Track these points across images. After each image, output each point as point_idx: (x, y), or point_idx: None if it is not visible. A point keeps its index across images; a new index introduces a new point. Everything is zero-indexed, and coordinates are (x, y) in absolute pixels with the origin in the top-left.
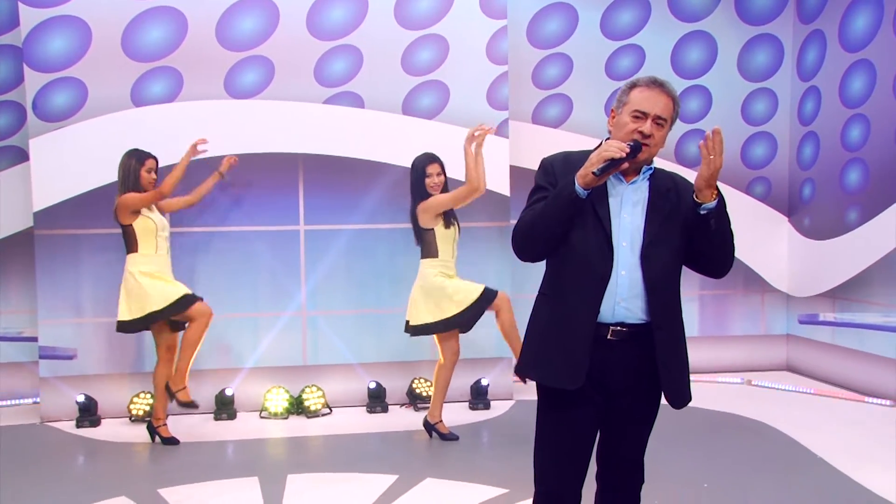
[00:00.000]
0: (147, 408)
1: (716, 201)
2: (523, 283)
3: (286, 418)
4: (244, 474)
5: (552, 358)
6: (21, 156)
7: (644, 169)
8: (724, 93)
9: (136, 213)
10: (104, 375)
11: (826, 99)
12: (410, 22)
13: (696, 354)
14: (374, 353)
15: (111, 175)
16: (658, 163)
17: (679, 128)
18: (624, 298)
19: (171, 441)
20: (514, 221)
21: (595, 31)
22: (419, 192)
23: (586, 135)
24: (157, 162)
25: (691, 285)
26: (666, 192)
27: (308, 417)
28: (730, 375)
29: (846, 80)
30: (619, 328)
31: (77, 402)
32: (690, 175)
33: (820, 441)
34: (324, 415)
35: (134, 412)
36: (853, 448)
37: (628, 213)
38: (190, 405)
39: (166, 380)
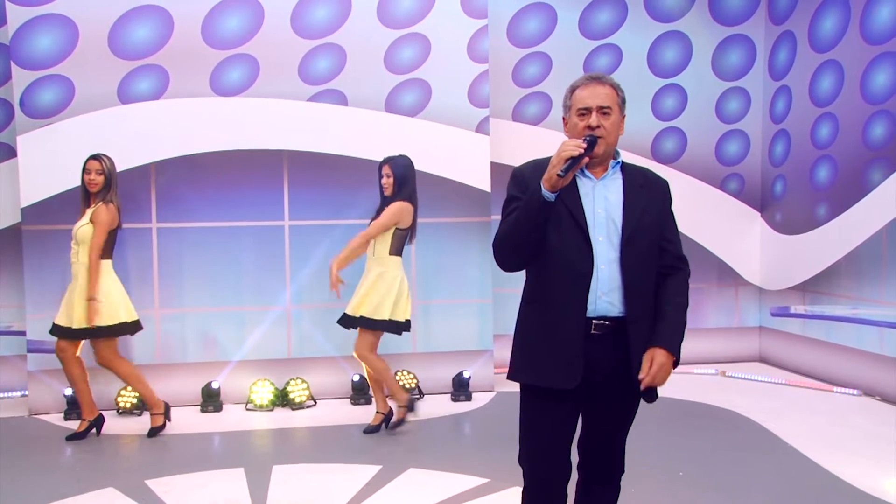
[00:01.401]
0: (134, 400)
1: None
2: (504, 278)
3: (271, 410)
4: (230, 465)
5: (546, 360)
6: (9, 152)
7: (612, 164)
8: (698, 91)
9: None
10: (91, 369)
11: (796, 98)
12: (393, 21)
13: None
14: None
15: None
16: (634, 158)
17: (655, 125)
18: (605, 292)
19: (76, 436)
20: (494, 217)
21: (573, 30)
22: (411, 190)
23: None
24: (98, 162)
25: None
26: (639, 187)
27: (293, 409)
28: (704, 367)
29: (815, 79)
30: (602, 322)
31: (65, 396)
32: (665, 170)
33: (790, 429)
34: (308, 407)
35: (121, 404)
36: (821, 436)
37: (602, 208)
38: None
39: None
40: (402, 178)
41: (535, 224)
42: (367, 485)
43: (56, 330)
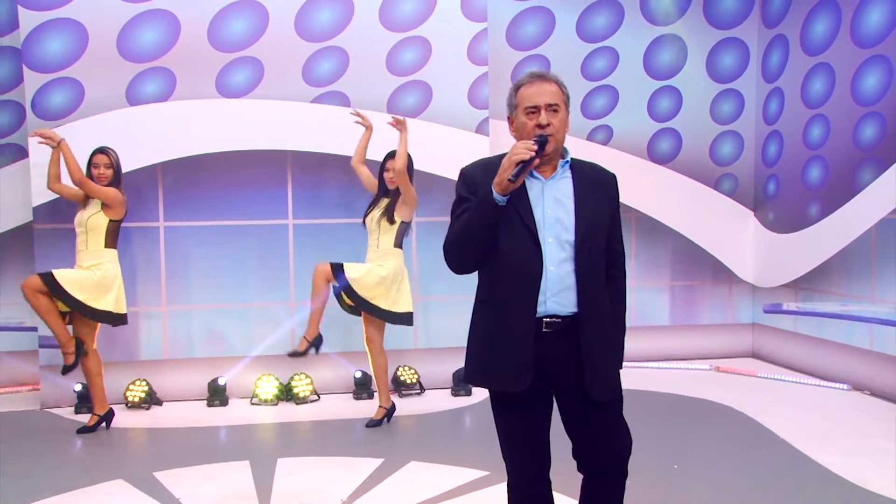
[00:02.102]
0: (143, 394)
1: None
2: None
3: (276, 405)
4: (236, 458)
5: (497, 363)
6: (21, 153)
7: (560, 163)
8: (693, 93)
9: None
10: (105, 364)
11: (789, 100)
12: (395, 24)
13: (667, 342)
14: (360, 342)
15: None
16: (630, 159)
17: (651, 126)
18: (554, 293)
19: (85, 429)
20: None
21: (571, 33)
22: (382, 186)
23: None
24: (106, 155)
25: (662, 277)
26: (590, 185)
27: (297, 404)
28: (699, 362)
29: (807, 82)
30: (553, 319)
31: (75, 391)
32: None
33: (782, 423)
34: (312, 401)
35: (130, 398)
36: (812, 429)
37: (551, 209)
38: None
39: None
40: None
41: (485, 227)
42: (370, 477)
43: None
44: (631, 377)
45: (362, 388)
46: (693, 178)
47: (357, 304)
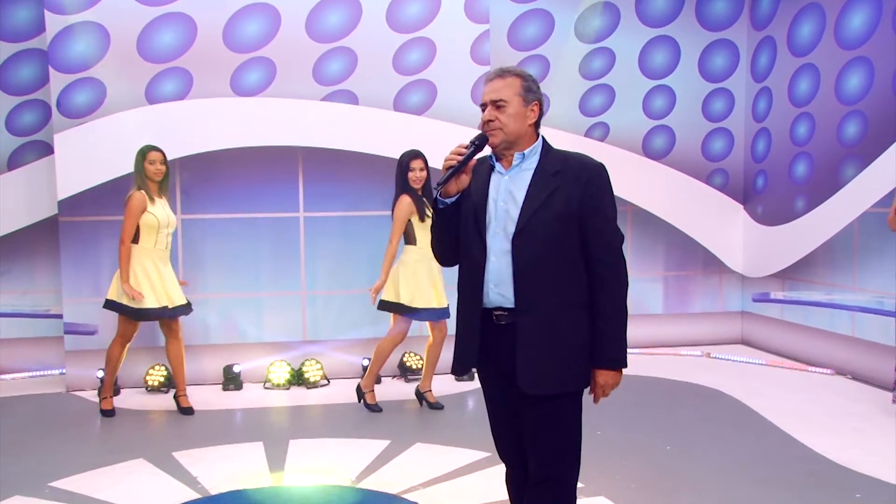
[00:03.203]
0: (161, 379)
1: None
2: None
3: (288, 389)
4: (250, 439)
5: (456, 349)
6: (47, 149)
7: (517, 155)
8: (686, 92)
9: (143, 210)
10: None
11: (776, 98)
12: (401, 26)
13: (660, 330)
14: (368, 329)
15: (128, 166)
16: (626, 154)
17: (646, 123)
18: (496, 284)
19: (187, 411)
20: None
21: (570, 34)
22: (402, 184)
23: (561, 129)
24: (161, 153)
25: (656, 267)
26: (551, 176)
27: (308, 388)
28: (690, 349)
29: (794, 81)
30: (500, 312)
31: (98, 377)
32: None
33: (769, 406)
34: (322, 386)
35: (150, 383)
36: (797, 412)
37: (503, 201)
38: (188, 411)
39: (175, 357)
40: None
41: (441, 226)
42: (377, 458)
43: (161, 312)
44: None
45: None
46: (686, 173)
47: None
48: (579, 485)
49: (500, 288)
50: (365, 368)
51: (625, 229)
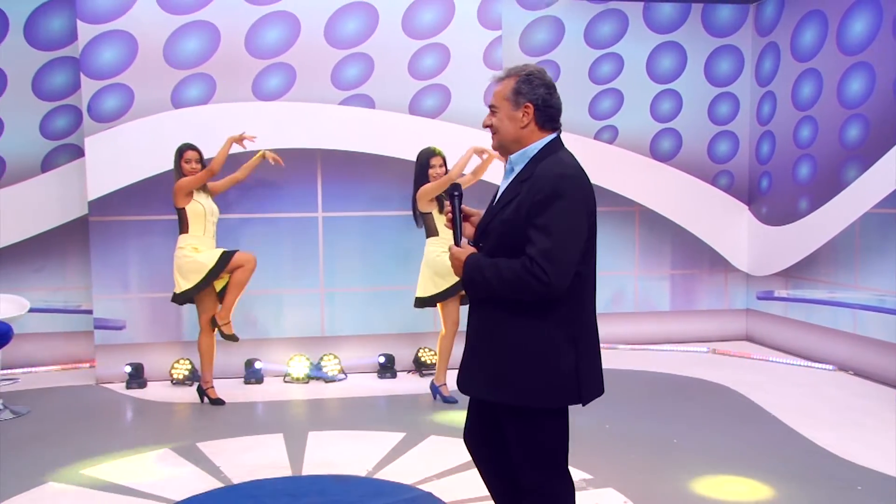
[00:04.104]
0: (186, 372)
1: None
2: None
3: (307, 383)
4: (271, 431)
5: None
6: (78, 152)
7: (508, 162)
8: (692, 96)
9: (190, 196)
10: (149, 344)
11: (780, 102)
12: (416, 32)
13: (667, 327)
14: (384, 325)
15: (155, 168)
16: (634, 157)
17: (653, 126)
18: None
19: (218, 402)
20: None
21: (579, 40)
22: (421, 181)
23: (571, 132)
24: (197, 152)
25: (663, 266)
26: (520, 182)
27: (326, 382)
28: (697, 345)
29: (797, 86)
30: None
31: (126, 372)
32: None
33: (773, 400)
34: (340, 380)
35: (175, 376)
36: (800, 406)
37: (492, 209)
38: (232, 338)
39: (206, 348)
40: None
41: None
42: (393, 449)
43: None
44: (634, 358)
45: (385, 368)
46: (692, 175)
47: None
48: (587, 476)
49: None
50: (381, 365)
51: (633, 229)
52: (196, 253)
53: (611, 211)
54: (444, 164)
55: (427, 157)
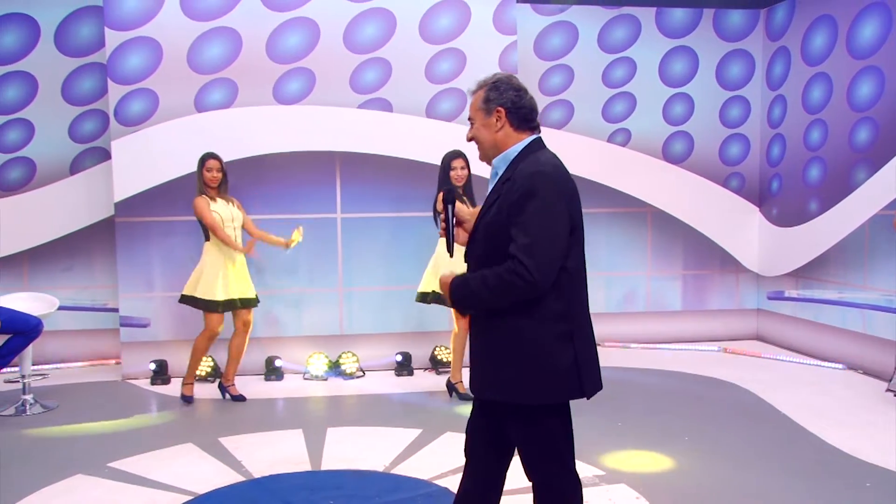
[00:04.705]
0: (208, 369)
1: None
2: None
3: (325, 380)
4: (291, 427)
5: None
6: (105, 155)
7: (492, 167)
8: (704, 100)
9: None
10: (173, 341)
11: (791, 106)
12: (433, 38)
13: (679, 326)
14: (401, 324)
15: (179, 170)
16: (646, 159)
17: (666, 129)
18: None
19: (239, 398)
20: None
21: (593, 45)
22: (444, 182)
23: (585, 135)
24: (219, 161)
25: (675, 266)
26: (502, 184)
27: (344, 379)
28: (708, 344)
29: (807, 89)
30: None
31: (151, 369)
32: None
33: (783, 399)
34: (358, 377)
35: (198, 373)
36: (810, 405)
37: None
38: (240, 398)
39: (236, 349)
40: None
41: None
42: (409, 445)
43: (232, 303)
44: (646, 357)
45: (402, 366)
46: (704, 177)
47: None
48: (600, 472)
49: None
50: (398, 363)
51: (645, 230)
52: (210, 271)
53: (623, 212)
54: (467, 165)
55: (449, 160)
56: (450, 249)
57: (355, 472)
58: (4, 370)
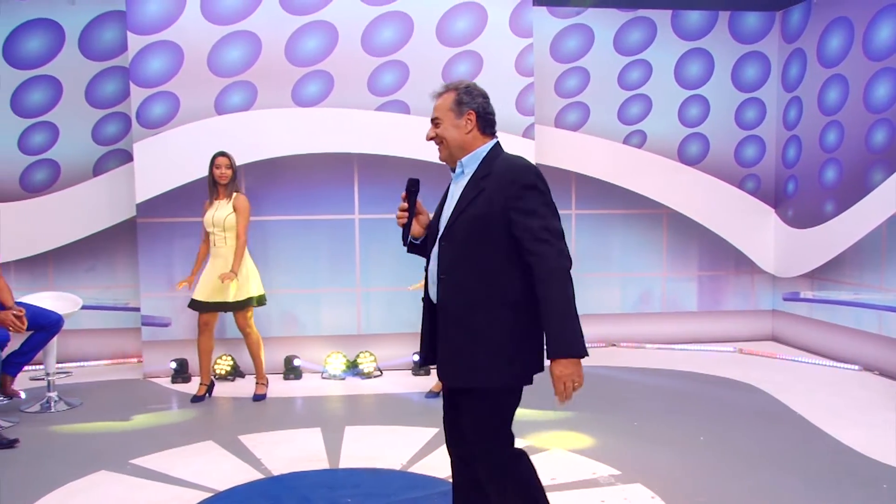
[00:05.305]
0: (228, 368)
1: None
2: None
3: (343, 379)
4: (309, 425)
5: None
6: (127, 157)
7: (458, 164)
8: (719, 101)
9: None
10: (193, 340)
11: (806, 107)
12: (450, 40)
13: (695, 327)
14: (418, 323)
15: (199, 172)
16: (662, 161)
17: (681, 131)
18: (432, 282)
19: (259, 398)
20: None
21: (609, 47)
22: None
23: (601, 137)
24: (228, 158)
25: (691, 267)
26: (479, 180)
27: (362, 378)
28: (724, 345)
29: (823, 91)
30: (441, 307)
31: (171, 368)
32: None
33: (798, 399)
34: (375, 377)
35: (217, 371)
36: (826, 405)
37: (447, 208)
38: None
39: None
40: None
41: (423, 254)
42: (427, 444)
43: (201, 305)
44: (661, 358)
45: (419, 365)
46: (719, 178)
47: None
48: (616, 472)
49: (433, 287)
50: (415, 363)
51: (660, 231)
52: (208, 271)
53: (639, 213)
54: None
55: None
56: (405, 238)
57: (373, 470)
58: (28, 368)
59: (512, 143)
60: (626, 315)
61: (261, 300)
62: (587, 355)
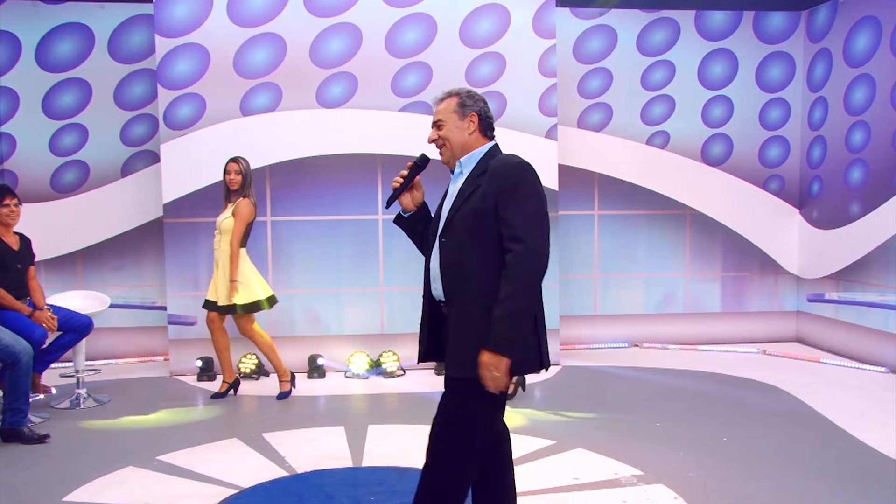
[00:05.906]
0: (253, 366)
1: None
2: (569, 265)
3: (367, 378)
4: (333, 423)
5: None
6: (154, 158)
7: (457, 164)
8: (743, 102)
9: None
10: (233, 339)
11: (832, 107)
12: (473, 42)
13: (718, 328)
14: None
15: None
16: (685, 161)
17: (705, 132)
18: (434, 279)
19: (218, 395)
20: (562, 212)
21: (632, 48)
22: None
23: (624, 137)
24: (236, 164)
25: (714, 268)
26: (476, 177)
27: (385, 378)
28: (747, 346)
29: (849, 91)
30: (442, 304)
31: (196, 365)
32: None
33: (823, 401)
34: (398, 376)
35: (242, 370)
36: (852, 408)
37: (447, 205)
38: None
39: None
40: None
41: (406, 231)
42: None
43: (206, 304)
44: (684, 358)
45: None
46: (743, 179)
47: None
48: (638, 472)
49: (436, 282)
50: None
51: (684, 231)
52: (214, 271)
53: (663, 214)
54: None
55: None
56: (390, 201)
57: (396, 468)
58: (58, 365)
59: (535, 144)
60: (650, 316)
61: (253, 307)
62: (517, 360)
